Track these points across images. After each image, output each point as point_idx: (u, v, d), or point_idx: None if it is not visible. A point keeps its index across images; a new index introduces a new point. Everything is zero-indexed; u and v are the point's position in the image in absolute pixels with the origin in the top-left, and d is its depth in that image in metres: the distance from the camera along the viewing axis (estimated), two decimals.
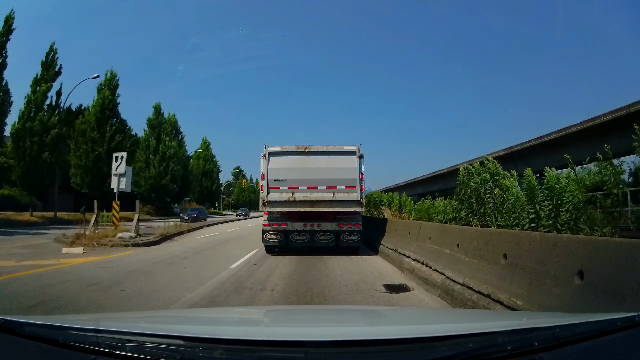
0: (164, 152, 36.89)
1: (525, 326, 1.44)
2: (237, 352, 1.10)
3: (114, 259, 8.43)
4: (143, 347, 1.12)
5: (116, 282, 5.86)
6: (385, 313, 2.55)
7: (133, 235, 11.91)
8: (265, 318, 2.17)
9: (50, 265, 7.26)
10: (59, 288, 5.31)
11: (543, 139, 22.46)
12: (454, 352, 1.09)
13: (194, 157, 51.54)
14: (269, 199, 8.99)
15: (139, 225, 13.07)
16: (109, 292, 5.18)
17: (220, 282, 5.96)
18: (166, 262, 8.12)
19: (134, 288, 5.46)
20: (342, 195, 8.88)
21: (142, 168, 36.21)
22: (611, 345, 1.19)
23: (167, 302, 4.70)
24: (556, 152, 21.67)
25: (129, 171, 13.45)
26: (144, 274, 6.66)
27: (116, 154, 13.55)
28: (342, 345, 1.17)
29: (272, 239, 9.28)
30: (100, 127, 28.17)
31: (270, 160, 9.05)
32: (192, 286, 5.56)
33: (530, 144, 23.79)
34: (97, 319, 1.76)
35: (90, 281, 5.84)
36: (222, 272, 6.84)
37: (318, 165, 9.01)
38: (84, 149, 27.57)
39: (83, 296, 4.96)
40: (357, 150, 9.04)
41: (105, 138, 28.02)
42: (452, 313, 3.09)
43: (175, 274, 6.75)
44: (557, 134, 21.32)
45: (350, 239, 9.20)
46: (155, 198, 37.04)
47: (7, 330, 1.23)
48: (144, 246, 11.05)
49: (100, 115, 28.48)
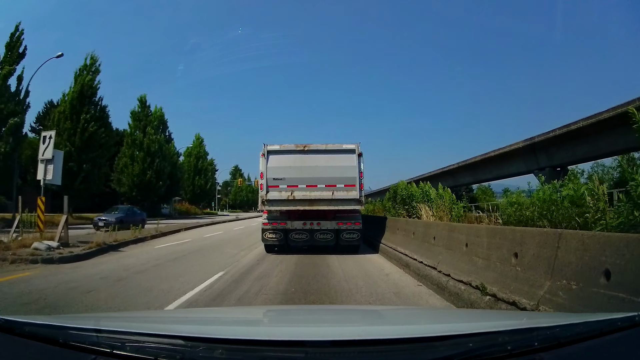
0: (149, 147, 33.78)
1: (525, 326, 1.44)
2: (237, 352, 1.10)
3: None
4: (143, 346, 1.12)
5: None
6: (385, 313, 2.55)
7: (53, 246, 8.79)
8: (265, 318, 2.17)
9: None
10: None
11: (569, 128, 20.43)
12: (454, 352, 1.09)
13: (185, 154, 49.25)
14: (268, 197, 8.95)
15: (66, 231, 9.84)
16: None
17: None
18: (58, 297, 4.96)
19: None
20: (342, 193, 8.87)
21: (127, 164, 33.39)
22: (611, 345, 1.19)
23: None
24: (584, 141, 20.42)
25: (59, 156, 10.58)
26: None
27: (44, 133, 10.71)
28: (342, 345, 1.17)
29: (271, 238, 9.26)
30: (75, 116, 24.94)
31: (269, 159, 9.03)
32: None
33: (554, 133, 21.63)
34: (98, 318, 1.76)
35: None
36: None
37: (317, 164, 8.99)
38: (56, 142, 25.20)
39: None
40: (356, 149, 9.00)
41: (77, 129, 24.66)
42: (452, 313, 3.10)
43: None
44: (585, 121, 19.34)
45: (350, 238, 9.20)
46: (139, 198, 33.63)
47: (8, 330, 1.23)
48: (61, 262, 7.87)
49: (77, 103, 25.16)
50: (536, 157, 24.77)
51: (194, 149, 51.37)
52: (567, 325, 1.28)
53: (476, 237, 4.70)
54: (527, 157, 25.52)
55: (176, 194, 42.64)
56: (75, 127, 24.76)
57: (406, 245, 7.60)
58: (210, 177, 54.76)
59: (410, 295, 5.14)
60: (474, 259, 4.58)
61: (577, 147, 21.33)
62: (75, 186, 23.86)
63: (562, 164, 23.88)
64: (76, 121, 24.87)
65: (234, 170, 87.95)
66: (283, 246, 9.37)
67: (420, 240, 6.97)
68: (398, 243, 8.20)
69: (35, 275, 6.63)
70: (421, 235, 7.00)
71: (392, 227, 9.46)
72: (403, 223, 8.82)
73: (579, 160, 23.02)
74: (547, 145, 23.01)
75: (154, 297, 5.04)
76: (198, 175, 51.16)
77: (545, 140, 22.54)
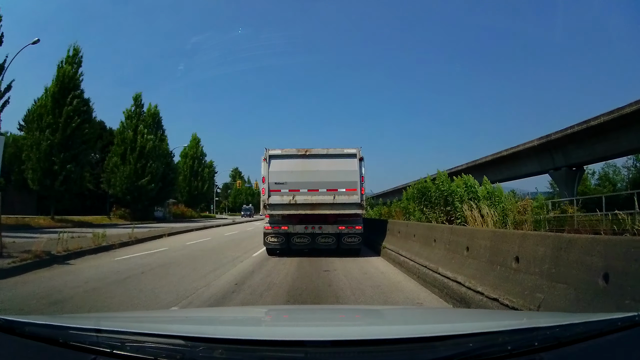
0: (142, 147, 31.75)
1: (525, 326, 1.44)
2: (238, 351, 1.10)
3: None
4: (143, 346, 1.12)
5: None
6: (385, 313, 2.54)
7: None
8: (265, 318, 2.17)
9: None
10: None
11: (589, 124, 19.50)
12: (454, 352, 1.09)
13: (181, 154, 47.63)
14: (270, 201, 8.97)
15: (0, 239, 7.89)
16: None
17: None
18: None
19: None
20: (343, 197, 8.89)
21: (117, 164, 31.35)
22: (611, 345, 1.19)
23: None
24: (604, 139, 19.73)
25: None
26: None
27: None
28: (342, 345, 1.17)
29: (273, 242, 9.33)
30: (57, 110, 22.98)
31: (271, 163, 9.05)
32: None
33: (572, 130, 20.53)
34: (98, 318, 1.76)
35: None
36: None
37: (319, 168, 9.02)
38: (35, 138, 22.34)
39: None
40: (357, 153, 9.02)
41: (59, 124, 22.65)
42: (452, 313, 3.09)
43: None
44: (607, 116, 18.48)
45: (351, 241, 9.22)
46: (130, 200, 31.99)
47: (8, 330, 1.23)
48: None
49: (59, 96, 23.17)
50: (552, 155, 23.94)
51: (191, 149, 49.11)
52: (567, 325, 1.28)
53: None
54: (541, 156, 24.70)
55: (170, 196, 40.09)
56: (57, 121, 22.69)
57: (426, 253, 6.30)
58: (208, 179, 52.24)
59: None
60: None
61: (597, 145, 20.59)
62: (56, 186, 22.47)
63: (580, 163, 23.21)
64: (58, 115, 22.80)
65: (234, 173, 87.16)
66: (285, 250, 9.37)
67: (444, 249, 5.67)
68: (408, 249, 7.23)
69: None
70: (446, 242, 5.68)
71: (392, 230, 9.34)
72: (419, 227, 7.46)
73: (598, 159, 22.24)
74: (565, 143, 22.14)
75: None
76: (195, 177, 48.72)
77: (563, 138, 21.67)
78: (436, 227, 6.79)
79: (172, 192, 39.63)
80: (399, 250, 7.76)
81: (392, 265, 7.81)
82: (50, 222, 20.99)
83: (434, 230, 6.50)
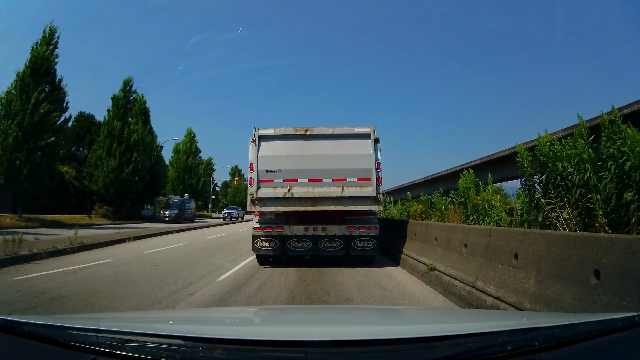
0: (129, 138, 28.44)
1: (525, 326, 1.44)
2: (237, 352, 1.10)
3: None
4: (143, 347, 1.12)
5: None
6: (385, 313, 2.54)
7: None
8: (265, 318, 2.17)
9: None
10: None
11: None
12: (454, 352, 1.09)
13: (174, 150, 44.82)
14: (259, 195, 7.02)
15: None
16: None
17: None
18: None
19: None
20: (354, 190, 7.00)
21: (102, 157, 28.02)
22: (611, 345, 1.19)
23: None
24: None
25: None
26: None
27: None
28: (342, 345, 1.17)
29: (264, 247, 7.35)
30: (25, 95, 20.22)
31: (260, 146, 7.14)
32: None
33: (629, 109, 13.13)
34: (98, 318, 1.76)
35: None
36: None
37: (322, 152, 7.13)
38: (3, 127, 19.73)
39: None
40: (372, 133, 7.13)
41: (27, 111, 19.81)
42: (452, 313, 3.09)
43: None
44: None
45: (363, 246, 7.29)
46: (115, 196, 28.56)
47: (7, 330, 1.23)
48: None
49: (30, 80, 20.39)
50: None
51: (184, 144, 45.59)
52: (567, 325, 1.28)
53: None
54: None
55: (159, 193, 36.52)
56: (24, 108, 19.91)
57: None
58: (203, 176, 48.58)
59: None
60: None
61: None
62: (20, 180, 19.96)
63: None
64: (26, 101, 20.00)
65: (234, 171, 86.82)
66: (279, 256, 7.53)
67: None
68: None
69: None
70: None
71: (429, 235, 6.59)
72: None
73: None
74: None
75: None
76: (188, 173, 45.14)
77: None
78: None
79: (161, 189, 36.30)
80: (435, 264, 5.62)
81: (426, 286, 5.58)
82: (15, 222, 18.87)
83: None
